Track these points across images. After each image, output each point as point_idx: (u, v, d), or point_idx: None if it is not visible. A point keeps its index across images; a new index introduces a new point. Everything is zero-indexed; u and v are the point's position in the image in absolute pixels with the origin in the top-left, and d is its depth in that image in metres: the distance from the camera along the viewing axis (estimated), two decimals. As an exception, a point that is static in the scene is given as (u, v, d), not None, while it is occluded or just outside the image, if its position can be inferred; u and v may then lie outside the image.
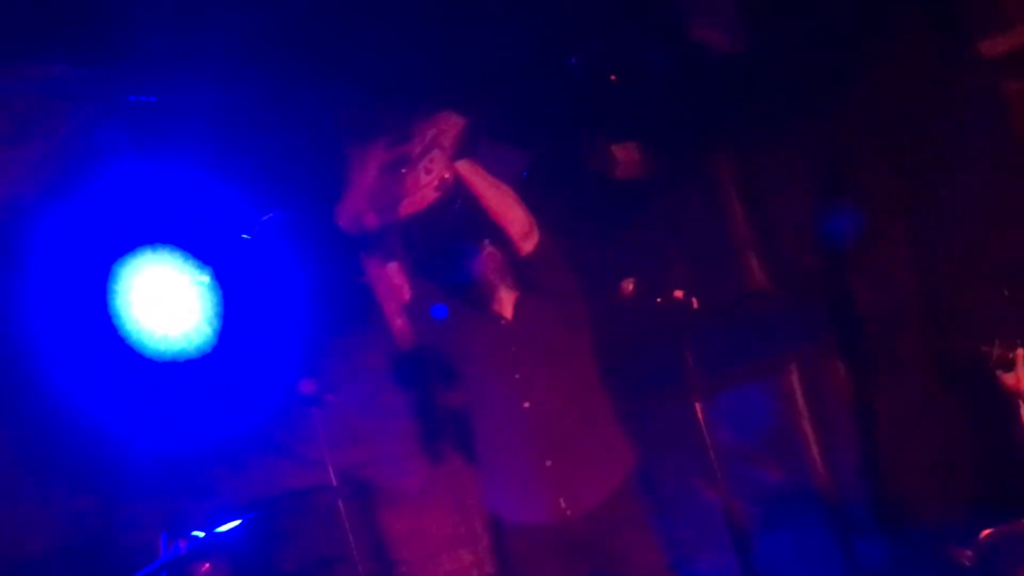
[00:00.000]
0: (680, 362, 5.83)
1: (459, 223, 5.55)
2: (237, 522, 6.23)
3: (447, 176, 5.34)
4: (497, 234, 5.59)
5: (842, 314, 7.25)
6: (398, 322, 5.76)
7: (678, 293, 5.70)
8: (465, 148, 5.49)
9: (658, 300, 5.72)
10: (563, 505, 5.45)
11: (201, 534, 6.11)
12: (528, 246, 5.38)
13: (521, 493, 5.54)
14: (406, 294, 5.79)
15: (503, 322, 5.58)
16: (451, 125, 5.47)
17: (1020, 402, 5.18)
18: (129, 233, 6.64)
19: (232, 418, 7.43)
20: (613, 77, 6.78)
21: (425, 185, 5.37)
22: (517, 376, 5.51)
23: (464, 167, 5.46)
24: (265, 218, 6.23)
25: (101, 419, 7.04)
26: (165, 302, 6.55)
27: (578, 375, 5.66)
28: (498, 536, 6.08)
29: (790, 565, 7.04)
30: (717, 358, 6.71)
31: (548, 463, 5.44)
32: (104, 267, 6.54)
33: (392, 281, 5.70)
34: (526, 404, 5.47)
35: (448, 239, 5.54)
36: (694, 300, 5.78)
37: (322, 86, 6.34)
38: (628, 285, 5.77)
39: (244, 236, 6.22)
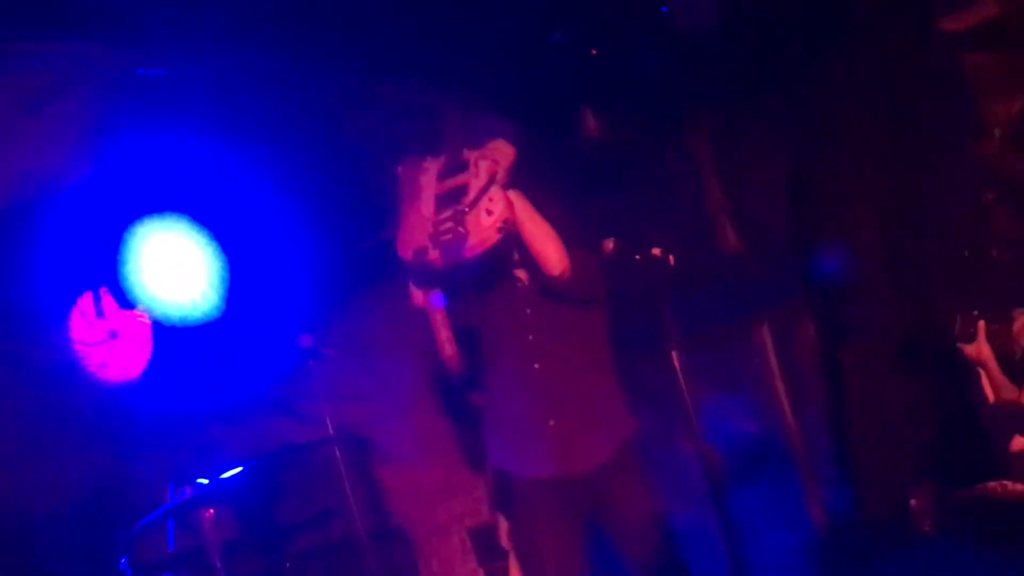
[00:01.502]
0: (658, 318, 5.79)
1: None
2: (239, 469, 6.38)
3: (509, 218, 5.25)
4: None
5: (812, 279, 7.37)
6: (444, 342, 5.67)
7: (656, 251, 5.70)
8: (518, 181, 5.45)
9: (637, 257, 5.71)
10: (561, 464, 5.62)
11: (205, 482, 6.24)
12: (559, 276, 5.47)
13: (524, 449, 5.68)
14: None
15: (519, 285, 5.63)
16: (503, 156, 5.41)
17: (980, 371, 5.50)
18: (139, 201, 6.79)
19: (236, 377, 7.50)
20: (594, 51, 7.04)
21: (488, 227, 5.18)
22: (530, 338, 5.60)
23: (515, 197, 5.47)
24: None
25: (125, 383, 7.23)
26: (173, 268, 6.68)
27: (588, 345, 5.76)
28: (501, 486, 6.07)
29: (762, 515, 7.03)
30: (694, 317, 6.75)
31: (551, 423, 5.58)
32: (115, 234, 6.70)
33: (435, 309, 5.66)
34: (536, 366, 5.60)
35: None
36: (671, 258, 5.68)
37: (323, 58, 6.48)
38: (609, 244, 5.75)
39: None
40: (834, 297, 7.35)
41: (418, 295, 5.66)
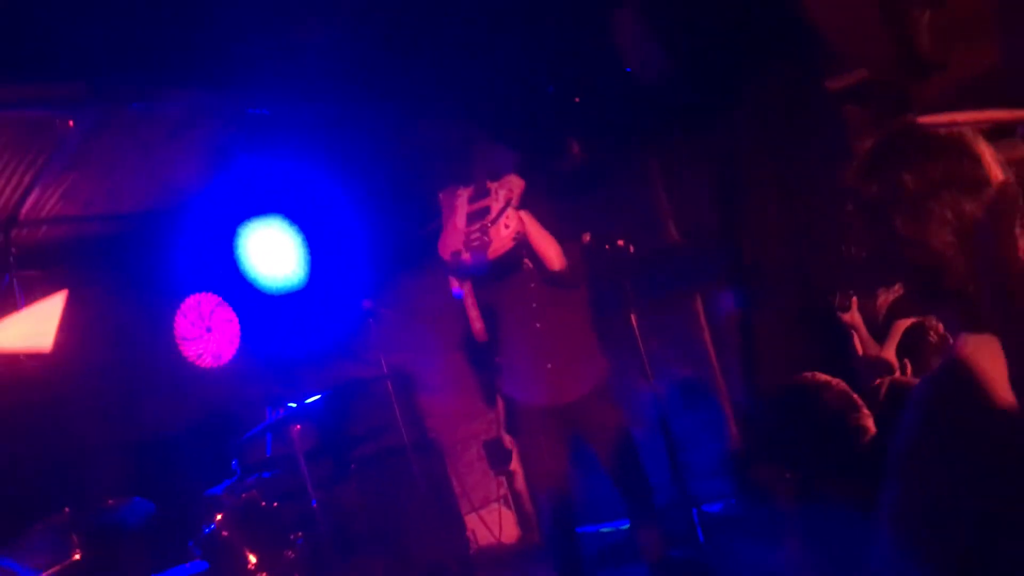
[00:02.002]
0: (621, 290, 6.56)
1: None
2: (318, 397, 7.04)
3: (521, 231, 5.93)
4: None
5: (732, 261, 7.95)
6: (474, 319, 6.24)
7: (620, 242, 6.41)
8: (526, 201, 6.09)
9: (606, 247, 6.40)
10: (555, 395, 6.31)
11: (294, 406, 6.92)
12: (558, 271, 6.12)
13: (529, 385, 6.42)
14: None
15: (526, 269, 6.25)
16: (516, 185, 6.07)
17: (852, 332, 6.10)
18: (249, 208, 7.45)
19: (316, 331, 8.24)
20: (577, 99, 7.66)
21: (505, 236, 5.95)
22: (533, 306, 6.28)
23: (526, 216, 6.07)
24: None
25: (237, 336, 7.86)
26: (272, 253, 7.44)
27: (574, 311, 6.43)
28: (510, 412, 6.80)
29: (696, 436, 7.75)
30: (646, 289, 7.41)
31: (548, 366, 6.31)
32: (233, 230, 7.40)
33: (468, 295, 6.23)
34: (537, 325, 6.32)
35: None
36: (631, 247, 6.37)
37: (382, 101, 7.10)
38: (586, 236, 6.32)
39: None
40: (748, 276, 7.90)
41: (455, 283, 6.23)
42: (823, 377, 3.76)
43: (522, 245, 6.07)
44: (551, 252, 6.12)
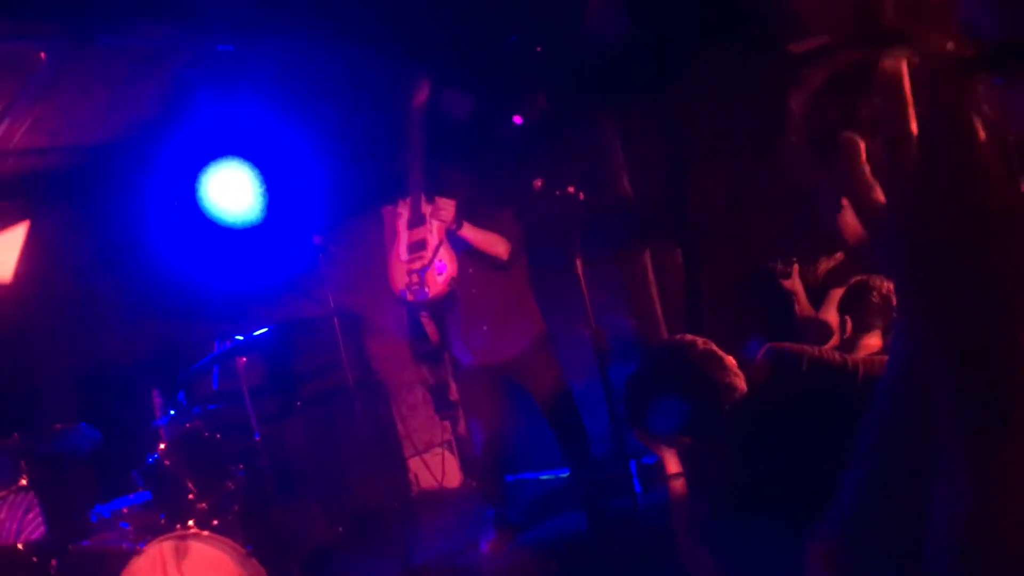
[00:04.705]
0: (569, 239, 6.66)
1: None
2: (264, 330, 7.23)
3: (454, 275, 6.71)
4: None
5: (681, 221, 8.21)
6: (431, 333, 7.35)
7: (570, 188, 6.61)
8: (460, 219, 6.81)
9: (556, 192, 6.62)
10: (491, 353, 7.00)
11: (240, 338, 7.09)
12: (504, 259, 6.82)
13: (468, 345, 7.07)
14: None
15: (467, 248, 6.91)
16: (447, 212, 6.70)
17: (794, 297, 6.53)
18: (211, 145, 7.47)
19: (267, 265, 8.33)
20: (538, 48, 7.75)
21: (441, 283, 6.81)
22: (470, 271, 6.87)
23: (465, 230, 6.77)
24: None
25: (188, 270, 8.05)
26: (232, 190, 7.45)
27: (509, 276, 6.99)
28: (455, 367, 7.36)
29: None
30: (596, 241, 7.37)
31: (484, 328, 6.97)
32: (194, 168, 7.42)
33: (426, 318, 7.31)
34: (473, 290, 6.98)
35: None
36: (581, 194, 6.58)
37: (331, 41, 7.13)
38: (538, 182, 6.68)
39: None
40: (695, 237, 8.15)
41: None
42: (689, 337, 3.94)
43: (455, 283, 6.91)
44: (496, 249, 6.85)
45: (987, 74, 2.52)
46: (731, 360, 3.86)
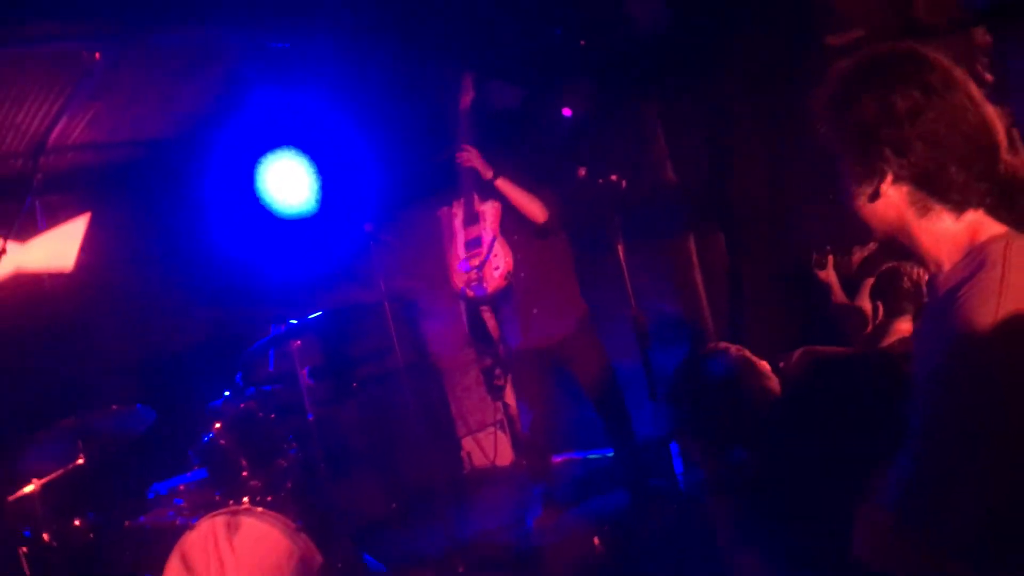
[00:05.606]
0: (611, 224, 6.68)
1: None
2: (319, 314, 7.30)
3: (510, 270, 7.01)
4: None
5: (722, 207, 8.22)
6: (492, 329, 7.70)
7: (613, 177, 6.65)
8: (496, 170, 7.03)
9: (600, 181, 6.65)
10: (541, 336, 7.15)
11: (295, 322, 7.17)
12: (543, 222, 6.95)
13: (519, 329, 7.19)
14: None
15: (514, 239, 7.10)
16: (495, 213, 6.99)
17: (830, 287, 6.55)
18: (266, 137, 7.67)
19: (322, 253, 8.51)
20: (583, 42, 7.92)
21: (498, 277, 7.00)
22: (519, 256, 7.06)
23: (502, 184, 6.96)
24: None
25: (244, 259, 8.28)
26: (287, 181, 7.65)
27: (555, 259, 7.20)
28: (506, 350, 7.36)
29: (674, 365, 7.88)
30: (641, 226, 7.28)
31: (535, 311, 7.13)
32: (250, 160, 7.60)
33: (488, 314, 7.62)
34: (522, 274, 7.09)
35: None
36: (623, 182, 6.62)
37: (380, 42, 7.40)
38: (582, 171, 6.67)
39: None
40: (738, 222, 8.16)
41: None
42: (722, 345, 3.93)
43: (511, 276, 7.07)
44: (533, 209, 6.95)
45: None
46: (765, 364, 3.86)
